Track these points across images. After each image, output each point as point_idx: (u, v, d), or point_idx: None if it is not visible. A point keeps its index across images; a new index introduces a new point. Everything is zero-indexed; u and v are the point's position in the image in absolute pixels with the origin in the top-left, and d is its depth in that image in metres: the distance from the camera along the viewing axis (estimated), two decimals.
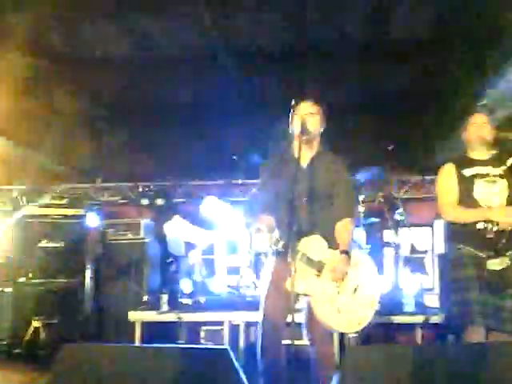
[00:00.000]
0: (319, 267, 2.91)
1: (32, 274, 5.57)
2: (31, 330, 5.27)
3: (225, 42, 4.69)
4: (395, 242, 5.46)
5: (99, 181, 6.83)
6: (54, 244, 5.71)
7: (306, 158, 3.09)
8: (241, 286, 5.45)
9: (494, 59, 4.62)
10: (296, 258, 2.84)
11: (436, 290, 5.58)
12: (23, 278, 5.54)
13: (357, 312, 2.93)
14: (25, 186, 6.47)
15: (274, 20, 4.49)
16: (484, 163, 3.33)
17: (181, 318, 4.91)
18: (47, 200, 5.99)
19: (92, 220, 5.91)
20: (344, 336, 4.53)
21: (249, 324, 4.93)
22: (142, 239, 5.95)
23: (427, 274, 5.80)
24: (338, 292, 2.92)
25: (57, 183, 6.70)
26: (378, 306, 3.09)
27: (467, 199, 3.25)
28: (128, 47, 4.85)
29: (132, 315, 5.00)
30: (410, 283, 5.12)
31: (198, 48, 4.88)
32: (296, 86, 4.97)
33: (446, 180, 3.37)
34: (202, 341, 5.07)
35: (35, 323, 5.31)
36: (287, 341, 2.81)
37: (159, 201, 6.41)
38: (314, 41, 4.83)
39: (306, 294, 2.93)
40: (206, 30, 4.46)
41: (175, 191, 6.71)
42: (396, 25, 4.61)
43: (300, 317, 3.14)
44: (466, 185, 3.28)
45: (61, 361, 2.57)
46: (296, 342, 4.36)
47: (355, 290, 2.96)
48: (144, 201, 6.47)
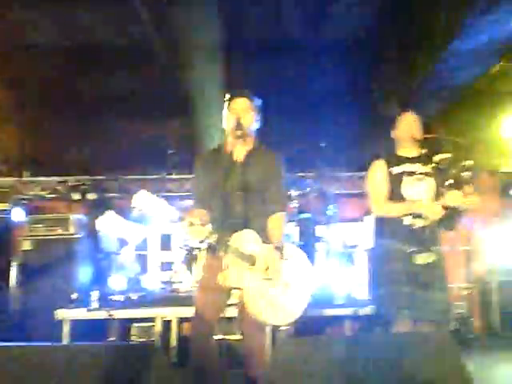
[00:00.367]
0: (252, 261, 2.92)
1: None
2: None
3: (159, 33, 4.62)
4: (327, 237, 5.58)
5: (27, 174, 6.56)
6: None
7: (240, 153, 3.09)
8: (174, 282, 5.41)
9: (425, 59, 4.80)
10: (229, 252, 2.86)
11: (365, 284, 5.75)
12: None
13: (289, 305, 2.96)
14: None
15: (209, 15, 4.47)
16: (412, 161, 3.42)
17: (111, 315, 4.81)
18: None
19: (18, 215, 5.68)
20: (276, 329, 4.58)
21: (181, 320, 4.90)
22: (72, 235, 5.78)
23: (357, 268, 5.96)
24: (271, 285, 2.94)
25: None
26: (310, 299, 3.14)
27: (396, 196, 3.34)
28: (60, 35, 4.69)
29: (60, 313, 4.85)
30: (341, 277, 5.25)
31: (135, 37, 4.79)
32: (232, 82, 4.98)
33: (376, 176, 3.44)
34: (134, 338, 5.00)
35: None
36: (219, 336, 2.81)
37: (91, 195, 6.24)
38: (252, 38, 4.86)
39: (239, 288, 2.93)
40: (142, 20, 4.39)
41: (108, 185, 6.55)
42: (333, 24, 4.71)
43: (233, 312, 3.15)
44: (395, 182, 3.36)
45: None
46: (229, 337, 4.46)
47: (288, 284, 2.99)
48: (75, 195, 6.28)
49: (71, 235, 5.78)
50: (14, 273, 5.56)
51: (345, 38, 4.90)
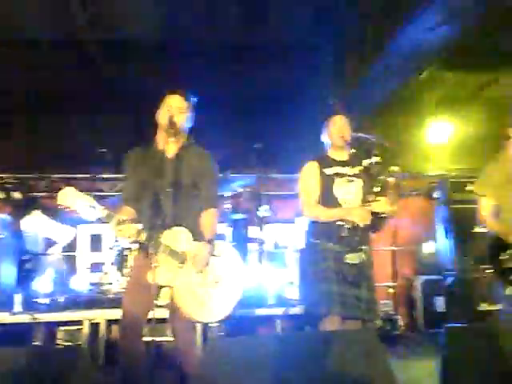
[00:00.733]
0: (182, 259, 2.90)
1: None
2: None
3: (91, 29, 4.51)
4: (259, 238, 5.62)
5: None
6: None
7: (172, 151, 3.07)
8: (104, 284, 5.28)
9: (356, 65, 4.94)
10: (159, 250, 2.82)
11: (296, 283, 5.83)
12: None
13: (219, 302, 2.96)
14: None
15: (145, 11, 4.41)
16: (343, 163, 3.50)
17: (36, 319, 4.62)
18: None
19: None
20: (208, 328, 4.57)
21: (110, 322, 4.79)
22: None
23: (288, 269, 6.04)
24: (201, 283, 2.93)
25: None
26: (241, 298, 3.14)
27: (328, 197, 3.41)
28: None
29: None
30: (273, 277, 5.30)
31: (65, 33, 4.65)
32: (167, 80, 4.92)
33: (308, 178, 3.49)
34: (60, 341, 4.82)
35: None
36: (149, 338, 2.76)
37: (17, 194, 5.98)
38: (189, 38, 4.83)
39: (169, 286, 2.90)
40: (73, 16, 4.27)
41: (35, 184, 6.29)
42: (271, 27, 4.76)
43: (163, 312, 3.11)
44: (327, 183, 3.42)
45: None
46: (159, 339, 4.39)
47: (218, 281, 2.99)
48: None
49: None
50: None
51: (281, 41, 4.96)
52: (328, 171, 3.45)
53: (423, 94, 5.73)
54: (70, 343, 4.77)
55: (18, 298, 4.78)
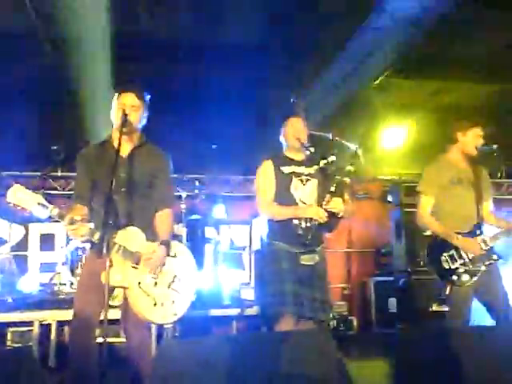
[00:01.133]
0: (137, 259, 2.87)
1: None
2: None
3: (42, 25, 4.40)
4: (215, 239, 5.62)
5: None
6: None
7: (126, 149, 3.02)
8: (55, 284, 5.16)
9: (313, 69, 5.00)
10: (112, 250, 2.78)
11: (252, 284, 5.87)
12: None
13: (173, 303, 2.94)
14: None
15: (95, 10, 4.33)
16: (299, 163, 3.55)
17: None
18: None
19: None
20: (162, 329, 4.54)
21: (62, 323, 4.68)
22: None
23: (244, 270, 6.06)
24: (156, 283, 2.91)
25: None
26: (197, 299, 3.14)
27: (284, 196, 3.44)
28: None
29: None
30: (229, 278, 5.30)
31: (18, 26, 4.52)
32: (120, 78, 4.86)
33: (265, 177, 3.52)
34: (9, 342, 4.68)
35: None
36: (101, 339, 2.70)
37: None
38: (143, 38, 4.77)
39: (122, 287, 2.86)
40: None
41: None
42: (226, 28, 4.76)
43: (116, 314, 3.07)
44: (284, 182, 3.45)
45: None
46: (111, 340, 4.32)
47: (172, 282, 2.97)
48: None
49: None
50: None
51: (236, 42, 4.97)
52: (285, 170, 3.49)
53: (378, 100, 5.85)
54: (20, 344, 4.65)
55: None
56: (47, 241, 5.93)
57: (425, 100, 5.84)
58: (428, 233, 3.74)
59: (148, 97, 3.10)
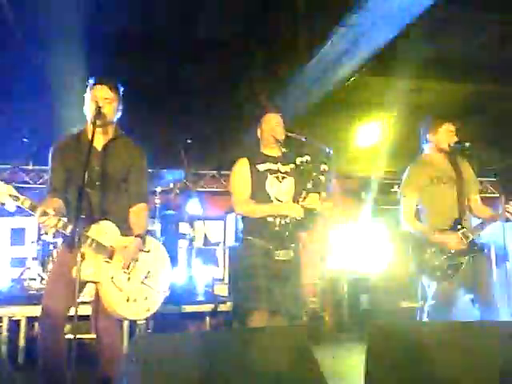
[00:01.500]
0: (110, 253, 2.83)
1: None
2: None
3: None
4: (190, 234, 5.58)
5: None
6: None
7: (101, 142, 2.97)
8: (25, 279, 5.07)
9: (289, 66, 5.00)
10: (85, 244, 2.73)
11: (225, 280, 5.86)
12: None
13: (146, 298, 2.92)
14: None
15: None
16: (275, 160, 3.54)
17: None
18: None
19: None
20: (135, 325, 4.50)
21: (32, 319, 4.60)
22: None
23: (218, 265, 6.05)
24: (129, 279, 2.87)
25: None
26: (170, 294, 3.11)
27: (260, 193, 3.43)
28: None
29: None
30: (202, 274, 5.28)
31: None
32: (96, 71, 4.79)
33: (240, 174, 3.50)
34: None
35: None
36: (70, 335, 2.65)
37: None
38: (117, 32, 4.71)
39: (94, 281, 2.82)
40: None
41: None
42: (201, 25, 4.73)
43: (86, 309, 3.02)
44: (259, 179, 3.44)
45: None
46: (81, 336, 4.26)
47: (146, 277, 2.94)
48: None
49: None
50: None
51: (211, 38, 4.95)
52: (261, 167, 3.48)
53: (353, 98, 5.88)
54: None
55: None
56: (17, 235, 5.82)
57: (400, 99, 5.91)
58: (404, 230, 3.78)
59: (121, 89, 3.06)
